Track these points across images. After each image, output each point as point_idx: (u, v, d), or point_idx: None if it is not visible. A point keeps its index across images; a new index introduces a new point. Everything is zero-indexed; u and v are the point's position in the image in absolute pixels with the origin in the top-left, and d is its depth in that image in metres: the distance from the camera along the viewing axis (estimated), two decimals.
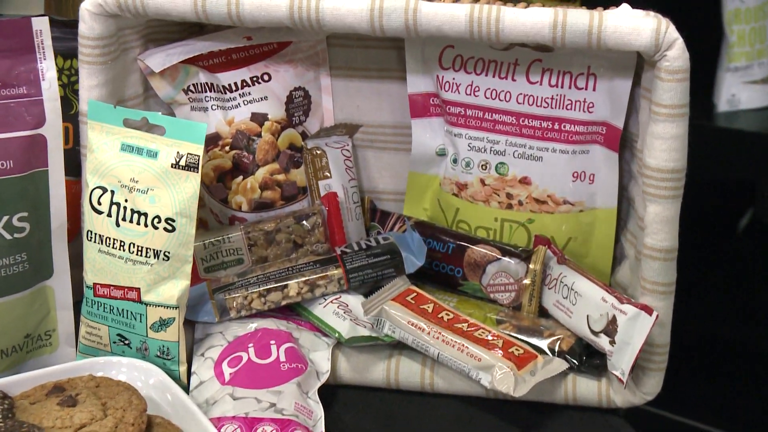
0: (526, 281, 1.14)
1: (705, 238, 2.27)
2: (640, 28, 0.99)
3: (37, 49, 1.11)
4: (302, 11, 1.05)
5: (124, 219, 1.08)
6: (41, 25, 1.10)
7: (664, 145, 1.01)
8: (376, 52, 1.23)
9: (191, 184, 1.06)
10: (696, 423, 1.91)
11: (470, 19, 1.02)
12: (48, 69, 1.11)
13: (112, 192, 1.09)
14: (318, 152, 1.22)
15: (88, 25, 1.12)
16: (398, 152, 1.27)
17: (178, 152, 1.06)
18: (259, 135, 1.23)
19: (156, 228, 1.07)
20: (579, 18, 1.00)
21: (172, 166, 1.06)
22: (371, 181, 1.30)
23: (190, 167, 1.06)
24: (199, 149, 1.06)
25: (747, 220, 2.40)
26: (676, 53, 0.99)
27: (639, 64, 1.08)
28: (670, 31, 0.99)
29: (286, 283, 1.15)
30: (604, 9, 1.03)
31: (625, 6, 1.02)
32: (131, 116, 1.09)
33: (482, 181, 1.21)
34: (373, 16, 1.04)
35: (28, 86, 1.11)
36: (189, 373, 1.10)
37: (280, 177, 1.26)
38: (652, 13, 1.01)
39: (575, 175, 1.17)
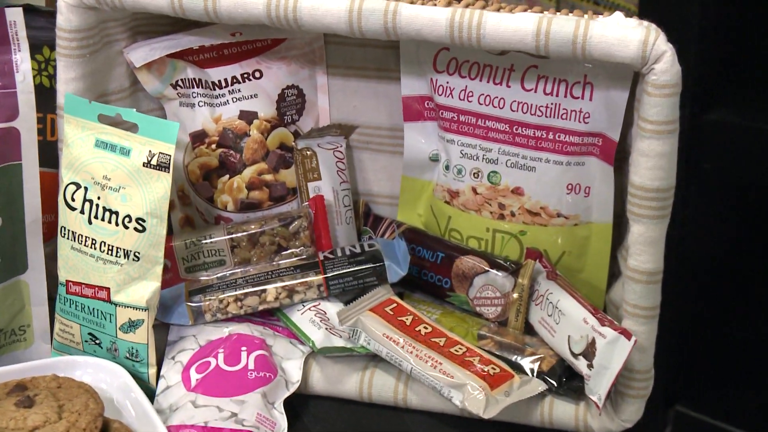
0: (514, 296, 1.12)
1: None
2: (627, 39, 0.96)
3: (12, 41, 1.12)
4: (279, 10, 1.05)
5: (96, 217, 1.09)
6: (15, 17, 1.11)
7: (649, 163, 0.99)
8: (375, 51, 1.23)
9: (162, 185, 1.07)
10: None
11: (450, 23, 1.01)
12: (22, 61, 1.12)
13: (86, 188, 1.10)
14: (308, 153, 1.22)
15: (65, 16, 1.12)
16: (395, 155, 1.26)
17: (150, 151, 1.07)
18: (248, 133, 1.22)
19: (126, 228, 1.08)
20: (564, 26, 0.98)
21: (144, 165, 1.07)
22: (367, 183, 1.30)
23: (162, 167, 1.06)
24: (170, 149, 1.06)
25: None
26: (664, 67, 0.96)
27: (636, 75, 1.05)
28: (659, 42, 0.96)
29: (264, 287, 1.16)
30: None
31: (617, 14, 1.00)
32: (106, 112, 1.09)
33: (474, 190, 1.19)
34: (352, 17, 1.03)
35: (2, 78, 1.12)
36: (158, 377, 1.10)
37: (269, 177, 1.26)
38: (645, 22, 0.99)
39: (570, 187, 1.15)
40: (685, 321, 1.85)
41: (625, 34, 0.97)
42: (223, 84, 1.23)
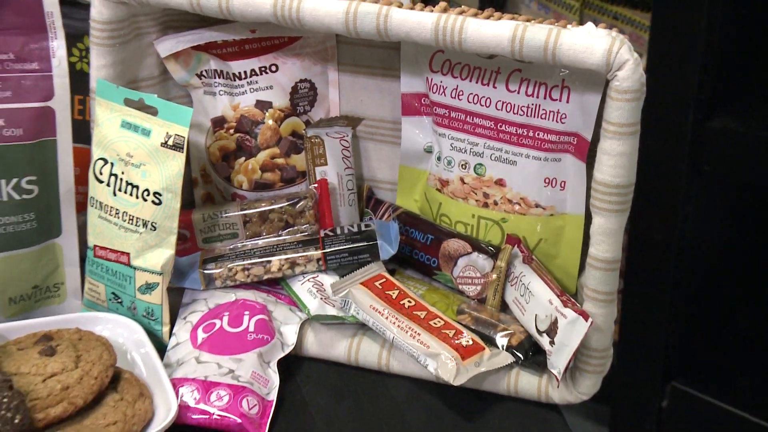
0: (492, 276, 1.11)
1: None
2: (594, 47, 0.95)
3: (49, 29, 1.11)
4: (284, 9, 1.05)
5: (120, 189, 1.10)
6: (52, 7, 1.11)
7: (611, 161, 0.98)
8: (381, 51, 1.21)
9: (177, 163, 1.07)
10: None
11: (435, 27, 1.00)
12: (58, 47, 1.12)
13: (112, 164, 1.10)
14: (316, 140, 1.21)
15: (97, 9, 1.12)
16: (396, 146, 1.25)
17: (167, 132, 1.07)
18: (263, 121, 1.23)
19: (145, 200, 1.08)
20: (537, 33, 0.96)
21: (161, 145, 1.07)
22: (371, 170, 1.29)
23: (177, 147, 1.07)
24: (184, 131, 1.06)
25: None
26: (626, 74, 0.95)
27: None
28: (622, 51, 0.95)
29: (269, 259, 1.16)
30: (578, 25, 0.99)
31: (589, 24, 0.98)
32: (131, 96, 1.10)
33: (462, 180, 1.19)
34: (348, 18, 1.03)
35: (39, 62, 1.12)
36: (170, 334, 1.11)
37: (280, 161, 1.25)
38: (614, 32, 0.97)
39: (547, 180, 1.14)
40: (684, 304, 1.83)
41: (592, 43, 0.95)
42: (243, 76, 1.22)
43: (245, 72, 1.23)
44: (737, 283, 2.16)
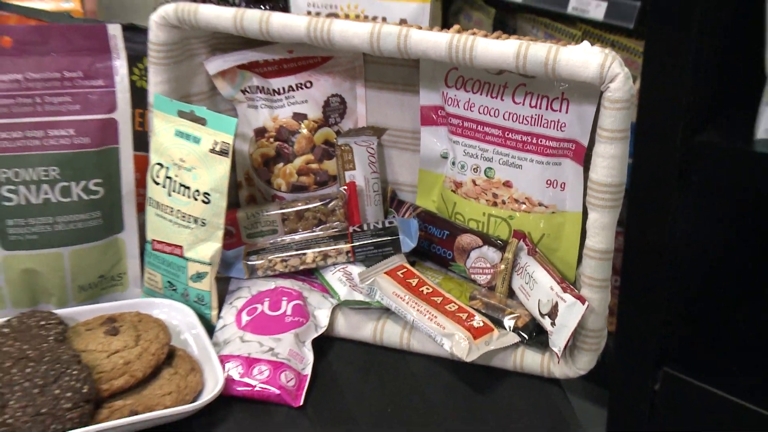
0: (501, 267, 1.10)
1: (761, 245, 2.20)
2: (588, 62, 0.95)
3: (112, 51, 1.12)
4: (317, 31, 1.05)
5: (174, 190, 1.10)
6: (115, 31, 1.13)
7: (604, 163, 0.98)
8: (402, 69, 1.22)
9: (223, 167, 1.07)
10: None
11: (449, 45, 0.99)
12: (121, 66, 1.13)
13: (167, 168, 1.10)
14: (346, 148, 1.20)
15: (154, 33, 1.13)
16: (415, 153, 1.25)
17: (215, 140, 1.07)
18: (299, 131, 1.23)
19: (196, 200, 1.09)
20: (538, 50, 0.96)
21: (209, 151, 1.08)
22: (394, 174, 1.29)
23: (223, 153, 1.07)
24: (230, 138, 1.06)
25: None
26: (618, 85, 0.95)
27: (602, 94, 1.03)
28: (614, 66, 0.94)
29: (305, 252, 1.15)
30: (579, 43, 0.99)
31: (585, 43, 0.97)
32: (184, 108, 1.10)
33: (474, 182, 1.18)
34: (372, 39, 1.03)
35: (104, 79, 1.12)
36: (218, 317, 1.10)
37: (314, 166, 1.24)
38: (606, 50, 0.96)
39: (549, 182, 1.13)
40: (675, 298, 1.81)
41: (587, 58, 0.95)
42: (281, 91, 1.22)
43: (284, 88, 1.22)
44: (724, 278, 2.14)
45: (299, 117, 1.23)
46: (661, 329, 1.77)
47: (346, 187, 1.21)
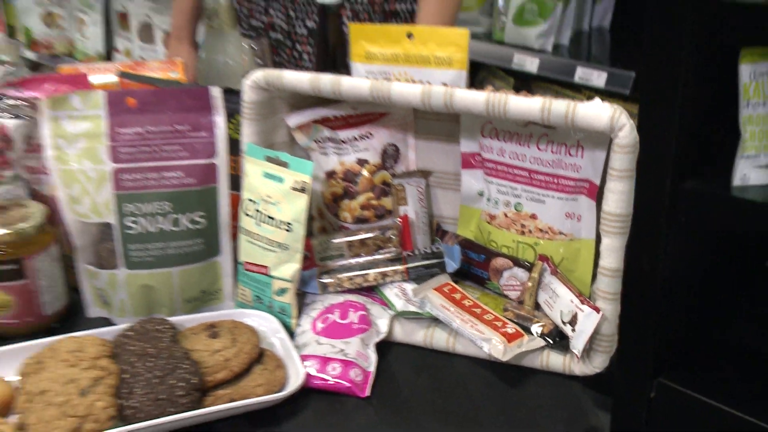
0: (528, 284, 1.12)
1: (738, 273, 2.19)
2: (601, 115, 0.97)
3: (213, 108, 1.15)
4: (379, 92, 1.08)
5: (262, 221, 1.12)
6: (216, 93, 1.15)
7: (615, 197, 1.00)
8: (446, 123, 1.23)
9: (302, 202, 1.09)
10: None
11: (487, 102, 1.02)
12: (220, 121, 1.15)
13: (256, 203, 1.12)
14: (399, 187, 1.22)
15: (247, 94, 1.16)
16: (457, 192, 1.25)
17: (295, 180, 1.09)
18: (361, 173, 1.24)
19: (279, 229, 1.10)
20: (559, 106, 0.99)
21: (291, 189, 1.09)
22: (439, 209, 1.30)
23: (302, 190, 1.09)
24: (307, 179, 1.09)
25: None
26: (625, 134, 0.97)
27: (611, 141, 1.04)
28: (622, 118, 0.97)
29: (367, 272, 1.17)
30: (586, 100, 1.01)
31: (597, 100, 1.00)
32: (270, 154, 1.12)
33: (505, 215, 1.19)
34: (424, 97, 1.06)
35: (207, 131, 1.15)
36: (297, 324, 1.13)
37: (374, 202, 1.25)
38: (615, 105, 0.99)
39: (567, 215, 1.14)
40: (668, 316, 1.82)
41: (600, 111, 0.98)
42: (347, 141, 1.23)
43: (349, 138, 1.23)
44: (711, 298, 2.15)
45: (362, 162, 1.24)
46: (656, 344, 1.78)
47: (400, 220, 1.21)
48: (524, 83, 2.64)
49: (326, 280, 1.18)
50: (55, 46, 3.46)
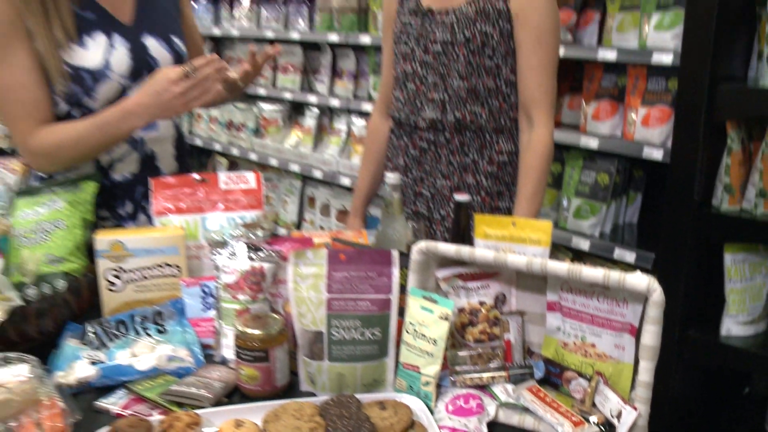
0: (588, 390, 1.20)
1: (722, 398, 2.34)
2: (641, 282, 1.11)
3: (392, 264, 1.27)
4: (499, 260, 1.23)
5: (417, 337, 1.27)
6: (395, 254, 1.27)
7: (649, 335, 1.13)
8: (538, 281, 1.30)
9: (445, 326, 1.23)
10: None
11: (569, 270, 1.17)
12: (395, 272, 1.26)
13: (414, 325, 1.27)
14: (505, 321, 1.32)
15: (414, 256, 1.30)
16: (542, 326, 1.33)
17: (441, 312, 1.24)
18: (480, 310, 1.33)
19: (428, 343, 1.25)
20: (614, 275, 1.14)
21: (438, 317, 1.24)
22: (530, 337, 1.36)
23: (445, 319, 1.23)
24: (449, 312, 1.23)
25: (747, 391, 2.43)
26: (657, 295, 1.11)
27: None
28: (654, 284, 1.11)
29: (482, 375, 1.28)
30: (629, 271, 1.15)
31: (638, 272, 1.13)
32: (425, 295, 1.27)
33: (574, 343, 1.27)
34: (527, 265, 1.21)
35: (386, 278, 1.26)
36: (435, 406, 1.24)
37: (488, 330, 1.33)
38: (650, 277, 1.12)
39: (616, 346, 1.22)
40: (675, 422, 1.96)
41: (639, 280, 1.12)
42: (473, 288, 1.32)
43: (474, 287, 1.33)
44: (715, 402, 2.28)
45: (481, 303, 1.33)
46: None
47: (505, 342, 1.31)
48: (579, 257, 2.83)
49: (455, 378, 1.28)
50: (267, 216, 3.98)
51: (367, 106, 3.65)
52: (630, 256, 2.57)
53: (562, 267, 1.20)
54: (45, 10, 1.62)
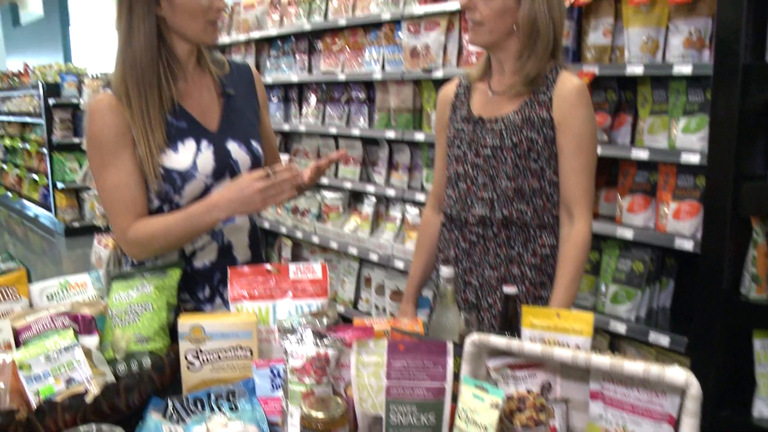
0: None
1: None
2: (679, 377, 1.11)
3: (447, 354, 1.26)
4: (544, 351, 1.22)
5: (468, 423, 1.22)
6: (449, 345, 1.26)
7: (687, 427, 1.11)
8: (581, 372, 1.28)
9: (495, 413, 1.19)
10: None
11: (611, 363, 1.16)
12: (450, 361, 1.25)
13: (466, 412, 1.23)
14: (550, 408, 1.28)
15: (467, 348, 1.29)
16: (585, 413, 1.30)
17: (491, 400, 1.20)
18: (527, 397, 1.25)
19: (479, 428, 1.21)
20: (654, 369, 1.12)
21: (489, 405, 1.20)
22: (573, 423, 1.33)
23: (496, 406, 1.21)
24: (499, 400, 1.21)
25: None
26: (694, 389, 1.10)
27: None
28: (691, 379, 1.09)
29: None
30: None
31: (676, 366, 1.12)
32: (477, 383, 1.23)
33: (615, 431, 1.24)
34: (572, 359, 1.20)
35: (441, 367, 1.25)
36: None
37: (534, 416, 1.22)
38: (688, 371, 1.11)
39: None
40: None
41: (678, 375, 1.11)
42: (521, 378, 1.30)
43: (522, 376, 1.32)
44: None
45: (528, 390, 1.31)
46: None
47: (551, 428, 1.28)
48: (616, 340, 2.78)
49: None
50: (332, 305, 4.03)
51: (420, 196, 3.72)
52: (664, 340, 2.53)
53: (605, 361, 1.19)
54: (145, 123, 1.71)
